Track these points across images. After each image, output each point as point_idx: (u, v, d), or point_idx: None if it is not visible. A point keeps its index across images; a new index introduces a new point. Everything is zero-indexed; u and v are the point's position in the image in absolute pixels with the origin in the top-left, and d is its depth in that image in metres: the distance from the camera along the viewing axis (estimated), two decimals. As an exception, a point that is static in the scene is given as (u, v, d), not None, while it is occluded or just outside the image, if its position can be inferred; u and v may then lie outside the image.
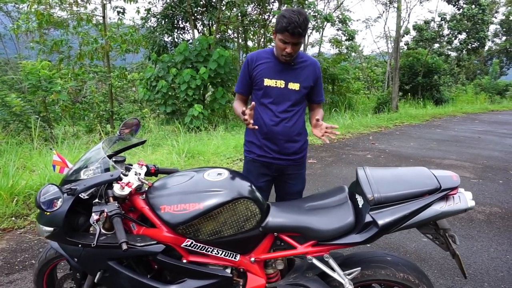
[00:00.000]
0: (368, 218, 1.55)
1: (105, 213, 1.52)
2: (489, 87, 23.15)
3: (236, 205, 1.61)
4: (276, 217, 1.68)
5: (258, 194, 1.70)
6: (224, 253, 1.67)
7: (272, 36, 2.22)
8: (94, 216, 1.51)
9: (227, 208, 1.60)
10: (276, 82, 2.17)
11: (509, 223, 3.78)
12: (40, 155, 5.22)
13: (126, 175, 1.68)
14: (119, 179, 1.64)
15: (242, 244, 1.68)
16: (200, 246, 1.64)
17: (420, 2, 16.71)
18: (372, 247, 3.17)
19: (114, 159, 1.80)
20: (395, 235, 3.39)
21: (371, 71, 21.51)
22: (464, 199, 1.58)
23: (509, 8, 25.62)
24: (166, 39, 12.07)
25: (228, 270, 1.71)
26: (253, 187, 1.71)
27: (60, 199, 1.48)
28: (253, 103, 2.02)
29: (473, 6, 16.12)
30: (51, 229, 1.61)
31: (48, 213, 1.59)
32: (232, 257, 1.68)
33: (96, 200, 1.60)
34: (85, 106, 12.88)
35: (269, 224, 1.65)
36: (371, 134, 9.27)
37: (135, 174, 1.71)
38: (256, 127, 2.04)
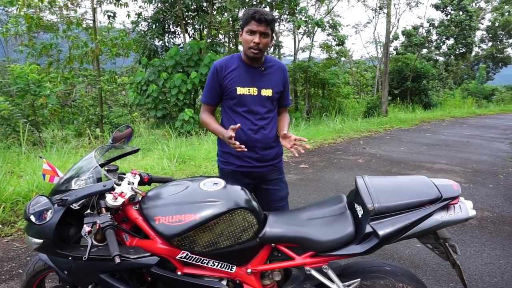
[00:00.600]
0: (368, 229, 1.52)
1: (98, 224, 1.46)
2: (476, 92, 23.52)
3: (233, 215, 1.57)
4: (274, 227, 1.64)
5: (255, 204, 1.66)
6: (220, 264, 1.62)
7: (240, 39, 2.20)
8: (86, 228, 1.45)
9: (224, 219, 1.56)
10: (249, 90, 2.12)
11: (500, 228, 3.80)
12: (28, 160, 5.12)
13: (119, 185, 1.63)
14: (112, 189, 1.59)
15: (238, 255, 1.64)
16: (195, 258, 1.59)
17: (410, 8, 16.92)
18: (369, 256, 3.15)
19: (106, 168, 1.75)
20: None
21: (361, 76, 21.68)
22: (465, 208, 1.56)
23: (495, 14, 26.11)
24: (156, 43, 12.00)
25: (224, 282, 1.66)
26: (250, 196, 1.68)
27: (50, 211, 1.43)
28: (238, 124, 1.96)
29: (461, 13, 16.40)
30: (41, 241, 1.55)
31: (37, 225, 1.53)
32: (228, 269, 1.64)
33: (88, 211, 1.55)
34: (74, 110, 12.74)
35: (267, 234, 1.62)
36: (362, 138, 9.30)
37: (128, 184, 1.66)
38: (246, 149, 1.96)
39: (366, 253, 1.53)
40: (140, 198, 1.70)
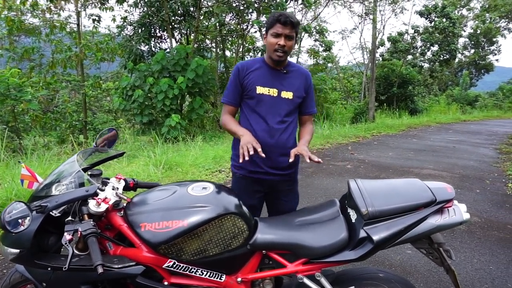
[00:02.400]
0: (362, 234, 1.47)
1: (79, 232, 1.38)
2: (460, 98, 23.97)
3: (222, 221, 1.50)
4: (265, 233, 1.58)
5: (245, 210, 1.60)
6: (209, 273, 1.55)
7: (264, 42, 2.17)
8: (67, 236, 1.37)
9: (213, 225, 1.49)
10: (269, 90, 2.07)
11: (488, 233, 3.80)
12: (7, 167, 4.94)
13: (102, 190, 1.55)
14: (95, 194, 1.51)
15: (228, 263, 1.57)
16: (183, 266, 1.52)
17: (395, 15, 17.17)
18: (362, 263, 3.11)
19: (89, 173, 1.66)
20: (380, 247, 3.35)
21: (348, 82, 21.87)
22: (459, 211, 1.53)
23: (477, 22, 26.74)
24: (143, 48, 11.87)
25: (213, 292, 1.59)
26: (240, 202, 1.61)
27: (28, 218, 1.34)
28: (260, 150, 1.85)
29: (444, 20, 16.70)
30: (17, 251, 1.45)
31: (14, 234, 1.43)
32: (217, 278, 1.56)
33: (69, 218, 1.46)
34: (56, 116, 12.48)
35: (258, 241, 1.55)
36: (350, 144, 9.32)
37: (113, 189, 1.57)
38: (263, 155, 1.85)
39: (360, 259, 1.48)
40: (125, 204, 1.62)
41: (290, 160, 1.89)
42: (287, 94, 2.09)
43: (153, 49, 12.03)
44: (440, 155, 7.98)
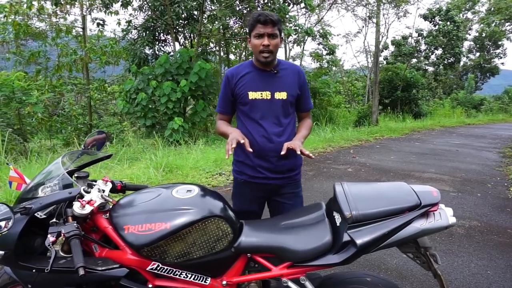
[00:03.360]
0: (346, 237, 1.46)
1: (62, 234, 1.38)
2: (465, 101, 23.80)
3: (206, 224, 1.50)
4: (250, 236, 1.57)
5: (230, 212, 1.59)
6: (193, 276, 1.55)
7: (249, 46, 2.12)
8: (50, 238, 1.38)
9: (197, 227, 1.49)
10: (261, 94, 2.03)
11: (488, 237, 3.77)
12: (9, 170, 4.98)
13: (88, 192, 1.56)
14: (79, 196, 1.52)
15: (213, 266, 1.56)
16: (167, 269, 1.52)
17: (398, 18, 17.11)
18: (351, 266, 3.09)
19: (76, 175, 1.67)
20: (375, 252, 3.32)
21: (352, 85, 21.83)
22: (445, 215, 1.52)
23: (482, 25, 26.58)
24: (147, 51, 11.95)
25: (198, 295, 1.59)
26: (224, 204, 1.61)
27: (11, 220, 1.34)
28: (245, 141, 1.86)
29: (448, 23, 16.63)
30: (2, 252, 1.46)
31: None
32: (202, 281, 1.56)
33: (54, 220, 1.47)
34: (62, 119, 12.56)
35: (242, 244, 1.55)
36: (352, 147, 9.29)
37: (99, 191, 1.58)
38: (250, 150, 1.85)
39: (344, 263, 1.47)
40: (111, 207, 1.62)
41: (282, 153, 1.86)
42: (281, 95, 2.04)
43: (157, 52, 12.11)
44: (442, 158, 7.92)
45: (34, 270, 1.46)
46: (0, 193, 4.04)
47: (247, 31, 2.03)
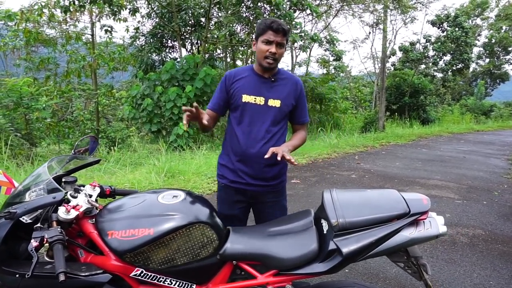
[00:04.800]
0: (332, 246, 1.43)
1: (45, 239, 1.38)
2: (474, 108, 23.53)
3: (190, 230, 1.48)
4: (235, 243, 1.55)
5: (216, 219, 1.58)
6: (178, 283, 1.53)
7: (253, 49, 2.12)
8: (33, 243, 1.37)
9: (181, 233, 1.47)
10: (255, 98, 2.02)
11: (492, 246, 3.68)
12: (15, 174, 5.03)
13: (75, 197, 1.55)
14: (66, 201, 1.51)
15: (198, 273, 1.54)
16: (151, 275, 1.50)
17: (405, 24, 17.03)
18: (349, 274, 3.05)
19: (64, 180, 1.67)
20: (375, 260, 3.27)
21: (359, 91, 21.74)
22: (435, 224, 1.48)
23: (491, 31, 26.34)
24: (154, 57, 12.05)
25: (184, 302, 1.56)
26: (211, 210, 1.59)
27: None
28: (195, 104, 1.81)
29: (457, 29, 16.50)
30: None
31: None
32: (187, 288, 1.54)
33: (38, 224, 1.46)
34: (70, 124, 12.69)
35: (227, 251, 1.53)
36: (357, 153, 9.22)
37: (85, 196, 1.58)
38: (186, 128, 1.80)
39: (329, 272, 1.44)
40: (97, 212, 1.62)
41: (266, 156, 1.83)
42: (275, 102, 2.03)
43: (165, 59, 12.21)
44: (448, 165, 7.81)
45: (17, 275, 1.45)
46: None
47: (255, 34, 2.02)
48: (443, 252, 3.52)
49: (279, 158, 1.80)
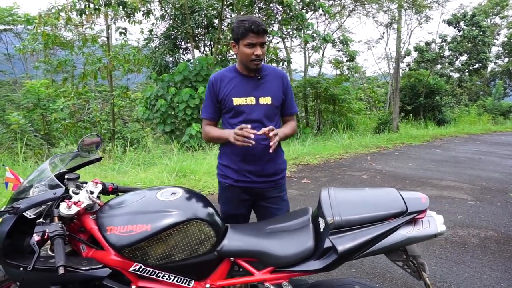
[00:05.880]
0: (327, 243, 1.43)
1: (46, 233, 1.42)
2: (492, 108, 22.99)
3: (188, 227, 1.50)
4: (233, 240, 1.57)
5: (214, 216, 1.60)
6: (176, 278, 1.56)
7: (233, 51, 2.12)
8: (35, 237, 1.41)
9: (178, 230, 1.50)
10: (246, 99, 2.04)
11: (504, 248, 3.61)
12: (26, 174, 5.16)
13: (77, 194, 1.60)
14: (67, 197, 1.56)
15: (196, 269, 1.57)
16: (149, 270, 1.53)
17: (419, 24, 16.77)
18: (356, 273, 3.03)
19: (67, 177, 1.72)
20: (381, 260, 3.24)
21: (373, 92, 21.52)
22: (434, 223, 1.47)
23: (511, 30, 25.72)
24: (168, 59, 12.19)
25: (182, 298, 1.59)
26: (209, 208, 1.61)
27: None
28: (248, 126, 1.87)
29: (474, 28, 16.18)
30: None
31: None
32: (185, 284, 1.57)
33: (41, 219, 1.51)
34: (87, 125, 12.94)
35: (225, 248, 1.55)
36: (370, 154, 9.13)
37: (87, 193, 1.62)
38: (253, 142, 1.86)
39: (325, 269, 1.44)
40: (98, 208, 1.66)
41: (259, 132, 1.86)
42: (266, 100, 2.05)
43: (178, 60, 12.34)
44: (463, 166, 7.67)
45: (21, 268, 1.50)
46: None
47: (233, 36, 1.99)
48: (453, 253, 3.47)
49: (271, 151, 1.85)
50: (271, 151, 1.86)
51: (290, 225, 1.61)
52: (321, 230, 1.51)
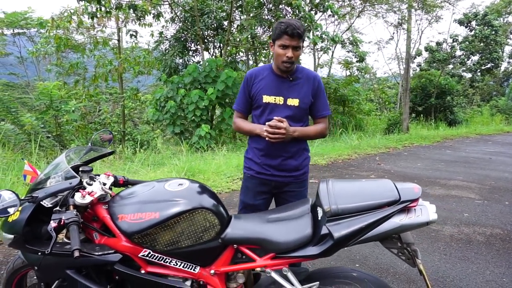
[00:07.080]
0: (324, 230, 1.51)
1: (63, 220, 1.53)
2: (505, 109, 22.67)
3: (193, 215, 1.60)
4: (236, 228, 1.66)
5: (218, 205, 1.69)
6: (183, 264, 1.65)
7: (271, 50, 2.29)
8: (52, 224, 1.52)
9: (184, 218, 1.59)
10: (275, 98, 2.14)
11: (510, 245, 3.63)
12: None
13: (90, 184, 1.71)
14: (82, 188, 1.67)
15: (201, 255, 1.66)
16: (158, 256, 1.63)
17: (429, 23, 16.68)
18: (360, 268, 3.09)
19: (81, 169, 1.83)
20: (385, 256, 3.30)
21: (383, 93, 21.44)
22: (426, 212, 1.53)
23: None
24: (178, 61, 12.35)
25: (188, 283, 1.68)
26: (213, 198, 1.71)
27: (15, 207, 1.49)
28: (279, 118, 2.03)
29: (485, 27, 16.04)
30: (12, 236, 1.63)
31: (10, 220, 1.62)
32: (191, 269, 1.66)
33: (57, 208, 1.62)
34: (98, 127, 13.17)
35: (228, 235, 1.63)
36: (378, 154, 9.14)
37: (100, 184, 1.73)
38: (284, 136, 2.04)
39: (322, 255, 1.52)
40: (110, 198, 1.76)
41: (275, 118, 2.04)
42: (293, 101, 2.14)
43: (188, 62, 12.48)
44: (473, 166, 7.64)
45: (39, 253, 1.61)
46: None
47: (272, 36, 2.09)
48: (457, 250, 3.51)
49: (280, 124, 2.03)
50: (267, 138, 2.02)
51: (290, 214, 1.70)
52: (319, 218, 1.59)
